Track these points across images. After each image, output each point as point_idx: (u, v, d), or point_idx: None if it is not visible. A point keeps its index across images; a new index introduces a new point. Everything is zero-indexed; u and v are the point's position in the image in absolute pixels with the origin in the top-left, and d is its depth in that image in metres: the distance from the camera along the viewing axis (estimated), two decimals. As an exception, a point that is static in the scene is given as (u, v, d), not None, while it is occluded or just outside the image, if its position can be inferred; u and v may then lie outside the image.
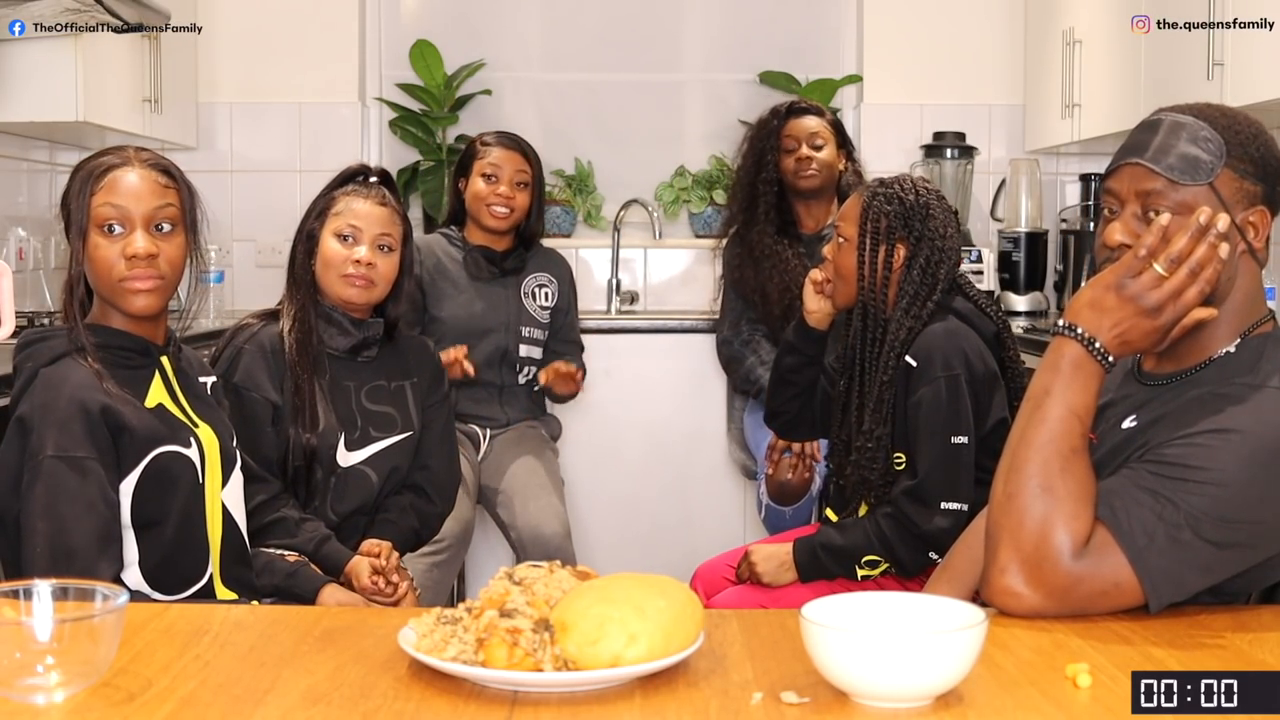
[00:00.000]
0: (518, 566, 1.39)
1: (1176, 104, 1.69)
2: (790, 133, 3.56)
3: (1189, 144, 1.62)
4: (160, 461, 1.96)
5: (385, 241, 2.57)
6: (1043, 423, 1.55)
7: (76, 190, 1.97)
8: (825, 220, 3.62)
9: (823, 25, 4.82)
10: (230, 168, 4.65)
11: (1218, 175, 1.62)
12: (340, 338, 2.60)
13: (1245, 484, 1.50)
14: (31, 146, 4.16)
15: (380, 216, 2.58)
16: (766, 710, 1.23)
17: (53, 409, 1.90)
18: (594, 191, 4.76)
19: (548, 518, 3.26)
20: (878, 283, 2.47)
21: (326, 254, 2.58)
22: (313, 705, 1.25)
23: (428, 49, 4.63)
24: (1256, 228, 1.64)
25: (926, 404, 2.37)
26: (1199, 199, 1.61)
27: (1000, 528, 1.53)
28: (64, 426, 1.89)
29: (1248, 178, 1.62)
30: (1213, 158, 1.61)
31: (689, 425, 4.26)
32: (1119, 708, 1.24)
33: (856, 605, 1.34)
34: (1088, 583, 1.49)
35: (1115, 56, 3.89)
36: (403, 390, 2.67)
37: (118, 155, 1.99)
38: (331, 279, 2.57)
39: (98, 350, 1.96)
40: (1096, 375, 1.57)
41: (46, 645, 1.23)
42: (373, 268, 2.55)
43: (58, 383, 1.91)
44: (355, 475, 2.59)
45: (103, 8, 3.46)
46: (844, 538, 2.46)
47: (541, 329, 3.55)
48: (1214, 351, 1.64)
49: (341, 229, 2.57)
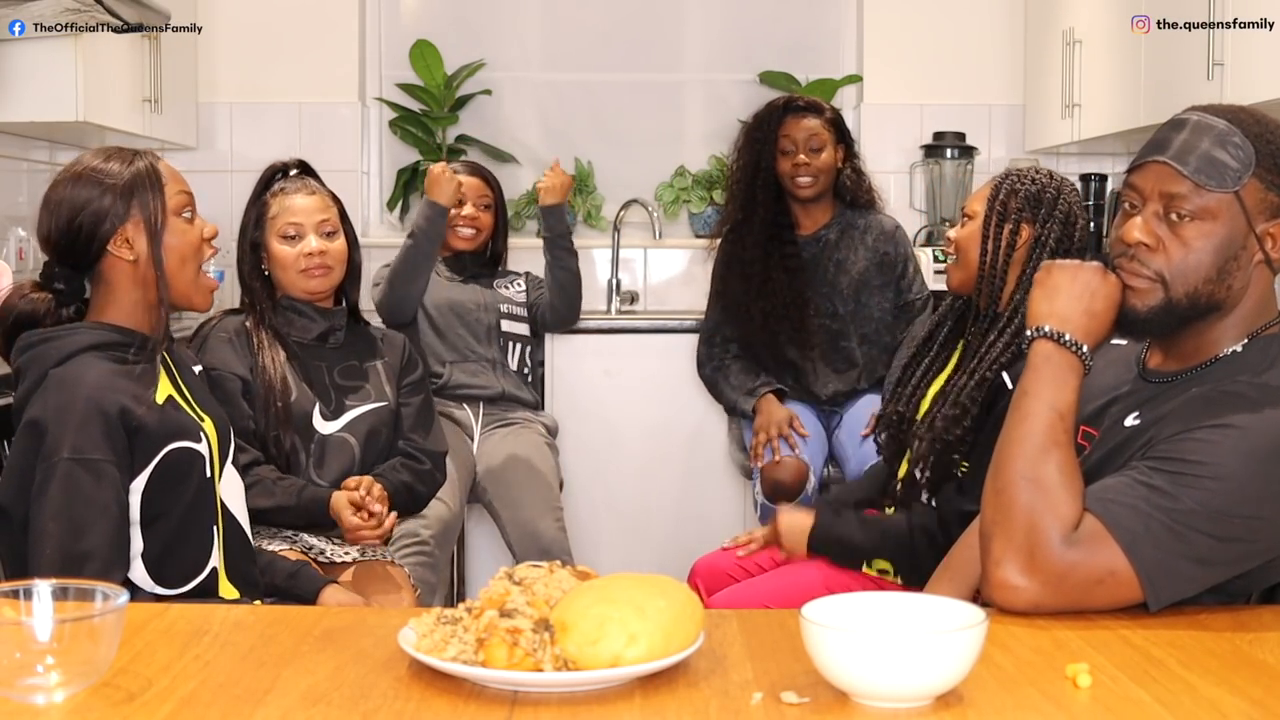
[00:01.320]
0: (518, 566, 1.39)
1: (1211, 105, 1.67)
2: (787, 133, 3.52)
3: (1219, 149, 1.61)
4: (171, 458, 1.96)
5: (327, 227, 2.72)
6: (1023, 420, 1.60)
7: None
8: (823, 221, 3.59)
9: (823, 25, 4.82)
10: (230, 168, 4.65)
11: (1244, 184, 1.61)
12: (310, 325, 2.73)
13: (1244, 479, 1.50)
14: (31, 146, 4.16)
15: (315, 205, 2.73)
16: (766, 710, 1.23)
17: (69, 410, 1.88)
18: (594, 191, 4.76)
19: (543, 516, 3.29)
20: (999, 262, 2.39)
21: (278, 257, 2.72)
22: (313, 705, 1.25)
23: (428, 49, 4.63)
24: (1275, 239, 1.63)
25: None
26: (1222, 206, 1.61)
27: (991, 523, 1.57)
28: (81, 428, 1.87)
29: (1274, 189, 1.62)
30: (1241, 166, 1.61)
31: (689, 425, 4.25)
32: (1119, 708, 1.24)
33: (856, 605, 1.34)
34: (1081, 570, 1.50)
35: (1115, 56, 3.89)
36: (374, 368, 2.78)
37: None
38: (291, 278, 2.71)
39: (102, 347, 1.96)
40: (1072, 368, 1.60)
41: (46, 645, 1.23)
42: (325, 254, 2.69)
43: (72, 383, 1.90)
44: (335, 442, 2.67)
45: (103, 8, 3.46)
46: (862, 536, 2.44)
47: (521, 307, 3.84)
48: (1220, 351, 1.64)
49: (284, 230, 2.71)
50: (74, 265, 2.01)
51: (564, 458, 4.03)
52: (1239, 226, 1.61)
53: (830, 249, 3.56)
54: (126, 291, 2.00)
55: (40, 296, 2.01)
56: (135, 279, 2.00)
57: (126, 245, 1.98)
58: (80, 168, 2.01)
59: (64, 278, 2.01)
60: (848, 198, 3.62)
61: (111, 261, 1.99)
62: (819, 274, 3.54)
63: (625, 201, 4.67)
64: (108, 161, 2.00)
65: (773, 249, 3.53)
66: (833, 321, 3.53)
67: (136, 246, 1.98)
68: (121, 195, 1.98)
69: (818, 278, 3.54)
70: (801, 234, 3.58)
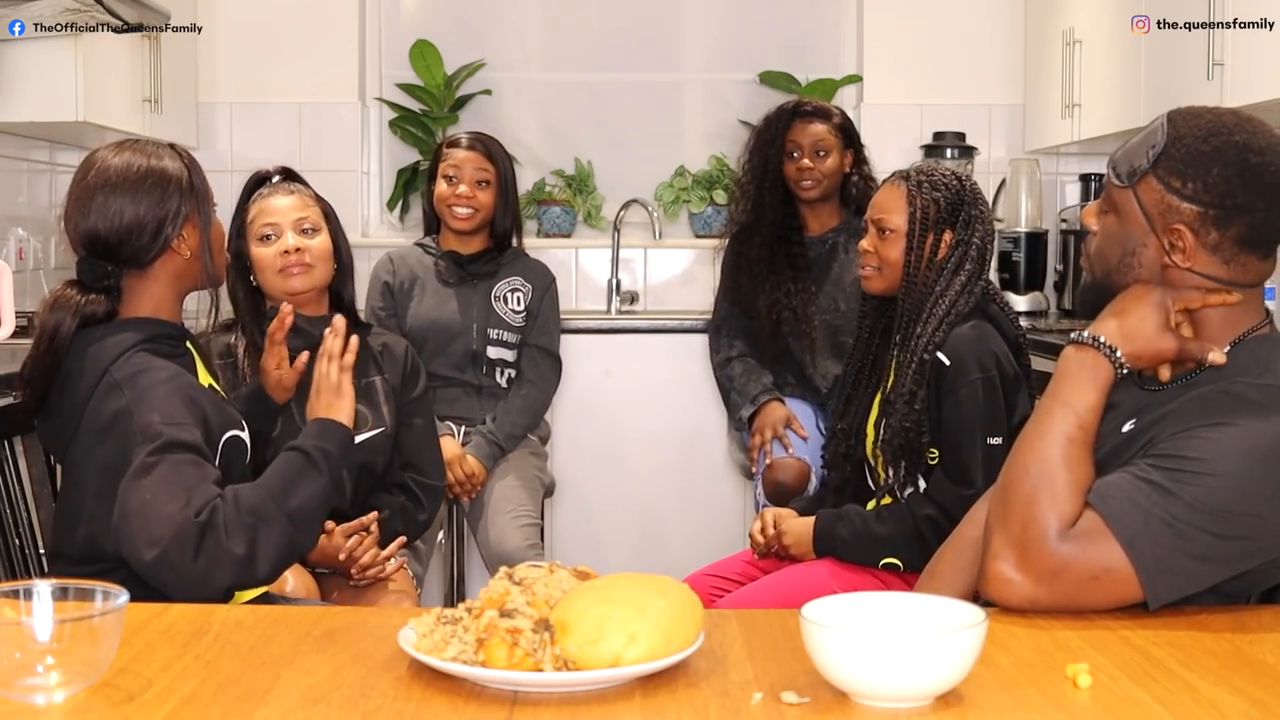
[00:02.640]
0: (518, 566, 1.40)
1: (1198, 106, 1.68)
2: (794, 138, 3.52)
3: (1141, 145, 1.65)
4: (229, 445, 1.97)
5: (304, 225, 2.64)
6: (1035, 419, 1.62)
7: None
8: (830, 225, 3.60)
9: (823, 25, 4.82)
10: (230, 168, 4.64)
11: (1139, 181, 1.64)
12: (295, 339, 2.54)
13: (1244, 476, 1.50)
14: (31, 146, 4.16)
15: (291, 204, 2.65)
16: (766, 710, 1.23)
17: (148, 398, 1.86)
18: (594, 191, 4.76)
19: (510, 534, 3.17)
20: (922, 269, 2.50)
21: (258, 260, 2.65)
22: (313, 705, 1.25)
23: (428, 49, 4.63)
24: (1177, 245, 1.62)
25: (965, 404, 2.38)
26: (1123, 200, 1.66)
27: (994, 516, 1.58)
28: (168, 413, 1.85)
29: (1173, 192, 1.61)
30: (1146, 163, 1.64)
31: (689, 425, 4.26)
32: (1119, 708, 1.24)
33: (856, 605, 1.34)
34: (1076, 565, 1.50)
35: (1115, 56, 3.89)
36: (373, 386, 2.68)
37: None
38: (271, 279, 2.64)
39: (153, 340, 1.96)
40: (1095, 367, 1.61)
41: (46, 645, 1.23)
42: (302, 252, 2.62)
43: (143, 373, 1.89)
44: None
45: (103, 8, 3.46)
46: (866, 539, 2.47)
47: (513, 332, 3.45)
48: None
49: (261, 231, 2.65)
50: (125, 262, 1.99)
51: (563, 458, 4.03)
52: (1138, 223, 1.65)
53: (837, 250, 3.57)
54: (164, 285, 2.01)
55: (92, 298, 1.98)
56: (176, 273, 2.02)
57: (183, 241, 2.01)
58: (137, 167, 1.99)
59: (115, 275, 2.00)
60: (854, 203, 3.63)
61: (169, 258, 2.00)
62: (824, 272, 3.56)
63: (625, 201, 4.67)
64: (158, 159, 2.01)
65: (780, 249, 3.54)
66: (834, 317, 3.54)
67: (191, 242, 2.02)
68: (185, 194, 2.01)
69: (823, 275, 3.55)
70: (809, 235, 3.59)
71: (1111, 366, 1.61)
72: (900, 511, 2.45)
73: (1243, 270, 1.63)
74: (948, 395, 2.40)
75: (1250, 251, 1.62)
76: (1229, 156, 1.59)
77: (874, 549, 2.46)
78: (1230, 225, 1.60)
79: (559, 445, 4.09)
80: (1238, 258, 1.62)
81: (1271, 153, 1.60)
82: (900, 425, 2.43)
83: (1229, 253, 1.62)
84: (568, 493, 4.11)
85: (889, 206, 2.53)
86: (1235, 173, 1.59)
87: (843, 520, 2.51)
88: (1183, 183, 1.61)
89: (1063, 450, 1.56)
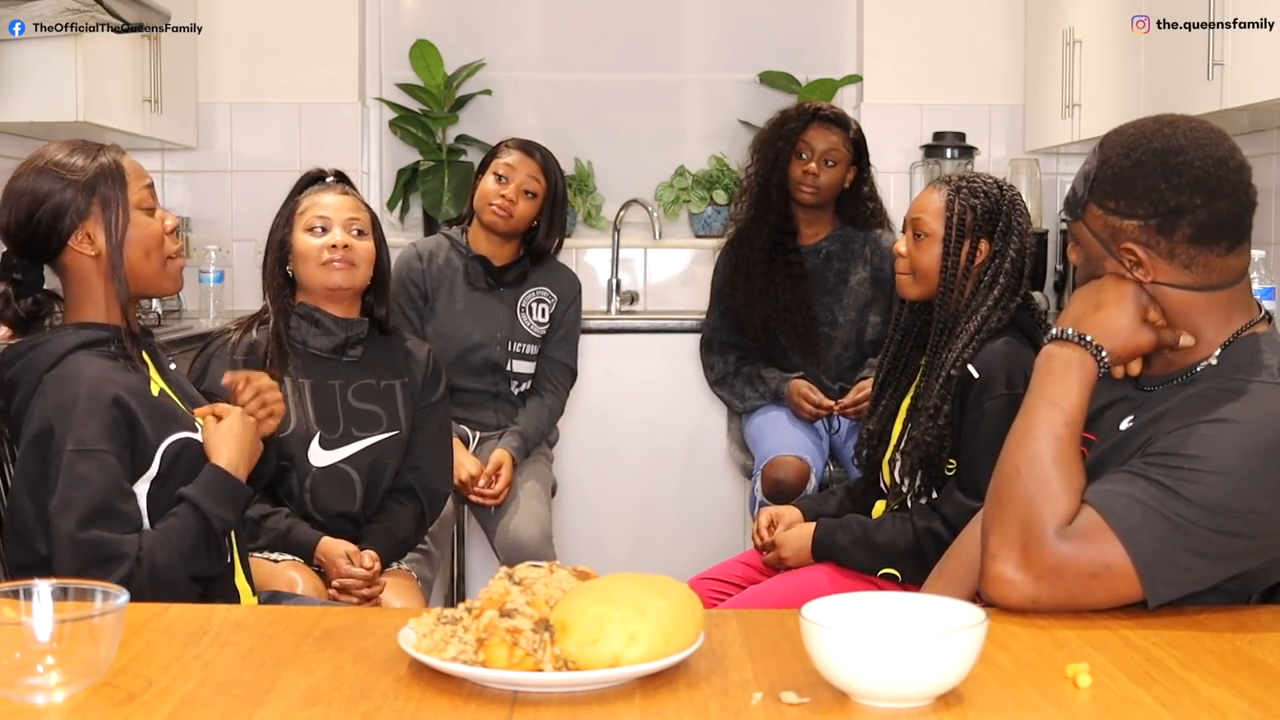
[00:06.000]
0: (518, 566, 1.40)
1: (1126, 125, 1.68)
2: (809, 139, 3.50)
3: (1078, 178, 1.68)
4: (174, 449, 1.95)
5: (356, 225, 2.64)
6: (1022, 417, 1.62)
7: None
8: (823, 234, 3.59)
9: (823, 25, 4.82)
10: (230, 168, 4.65)
11: (1083, 212, 1.67)
12: (322, 338, 2.63)
13: (1243, 473, 1.50)
14: (31, 147, 4.12)
15: (346, 204, 2.66)
16: (766, 710, 1.23)
17: (71, 407, 1.87)
18: (594, 191, 4.76)
19: (526, 525, 3.19)
20: (960, 276, 2.47)
21: (302, 249, 2.63)
22: (313, 705, 1.25)
23: (428, 49, 4.63)
24: (1135, 260, 1.62)
25: (989, 419, 2.35)
26: (1079, 232, 1.68)
27: (990, 518, 1.58)
28: (84, 422, 1.86)
29: (1113, 213, 1.63)
30: (1084, 193, 1.66)
31: (689, 425, 4.26)
32: (1119, 708, 1.24)
33: (856, 605, 1.34)
34: (1076, 563, 1.50)
35: (1115, 56, 3.89)
36: (392, 390, 2.68)
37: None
38: (312, 271, 2.62)
39: (89, 345, 1.94)
40: (1079, 365, 1.61)
41: (46, 645, 1.23)
42: (349, 249, 2.61)
43: (70, 381, 1.89)
44: (335, 474, 2.61)
45: (103, 8, 3.46)
46: (865, 549, 2.47)
47: (534, 344, 3.46)
48: (1197, 355, 1.65)
49: (311, 223, 2.63)
50: (32, 257, 1.98)
51: (564, 458, 4.03)
52: (1096, 250, 1.66)
53: (831, 260, 3.57)
54: (97, 286, 1.98)
55: (19, 304, 1.98)
56: (100, 274, 1.97)
57: (88, 241, 1.96)
58: (43, 160, 1.98)
59: (22, 268, 1.98)
60: (848, 214, 3.62)
61: (73, 256, 1.96)
62: (821, 283, 3.55)
63: (625, 201, 4.67)
64: (71, 155, 1.98)
65: (777, 255, 3.54)
66: (833, 330, 3.54)
67: (98, 242, 1.96)
68: (84, 191, 1.95)
69: (820, 286, 3.55)
70: (802, 243, 3.59)
71: (1096, 364, 1.62)
72: (901, 523, 2.45)
73: (1208, 271, 1.62)
74: (972, 408, 2.38)
75: (1208, 248, 1.60)
76: (1150, 165, 1.60)
77: (873, 558, 2.46)
78: (1175, 230, 1.60)
79: (559, 445, 4.09)
80: (1197, 259, 1.61)
81: (1193, 148, 1.60)
82: (922, 438, 2.42)
83: (1187, 256, 1.61)
84: (568, 492, 4.11)
85: (927, 208, 2.51)
86: (1161, 178, 1.60)
87: (843, 528, 2.51)
88: (1116, 202, 1.62)
89: (1053, 449, 1.57)
